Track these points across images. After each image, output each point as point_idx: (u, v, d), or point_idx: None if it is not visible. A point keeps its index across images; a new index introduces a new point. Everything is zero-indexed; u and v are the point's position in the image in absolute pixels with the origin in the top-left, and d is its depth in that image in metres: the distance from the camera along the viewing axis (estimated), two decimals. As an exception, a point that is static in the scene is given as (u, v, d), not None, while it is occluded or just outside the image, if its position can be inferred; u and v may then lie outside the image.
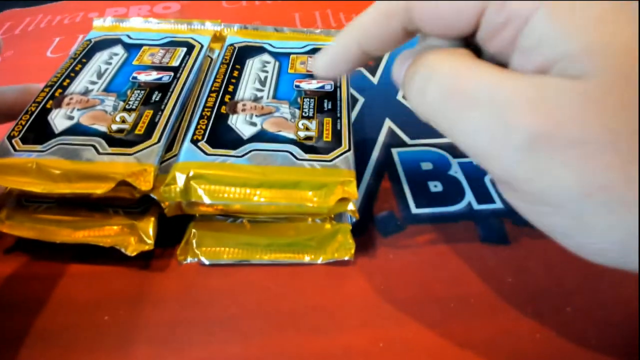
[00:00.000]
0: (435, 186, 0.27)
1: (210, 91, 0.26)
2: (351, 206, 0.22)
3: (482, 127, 0.14)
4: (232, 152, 0.22)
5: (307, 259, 0.23)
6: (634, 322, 0.20)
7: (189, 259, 0.23)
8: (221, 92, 0.26)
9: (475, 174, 0.28)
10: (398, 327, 0.20)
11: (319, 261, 0.23)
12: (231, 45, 0.30)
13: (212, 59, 0.31)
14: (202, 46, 0.30)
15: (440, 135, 0.30)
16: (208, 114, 0.24)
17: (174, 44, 0.30)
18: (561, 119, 0.13)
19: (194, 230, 0.23)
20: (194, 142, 0.23)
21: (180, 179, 0.21)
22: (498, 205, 0.26)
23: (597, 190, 0.13)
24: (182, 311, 0.21)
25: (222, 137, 0.23)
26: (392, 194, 0.27)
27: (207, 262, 0.23)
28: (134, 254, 0.22)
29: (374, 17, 0.17)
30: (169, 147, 0.24)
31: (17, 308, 0.21)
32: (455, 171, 0.28)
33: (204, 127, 0.24)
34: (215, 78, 0.27)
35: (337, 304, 0.21)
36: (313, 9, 0.47)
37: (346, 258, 0.22)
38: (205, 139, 0.23)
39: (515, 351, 0.20)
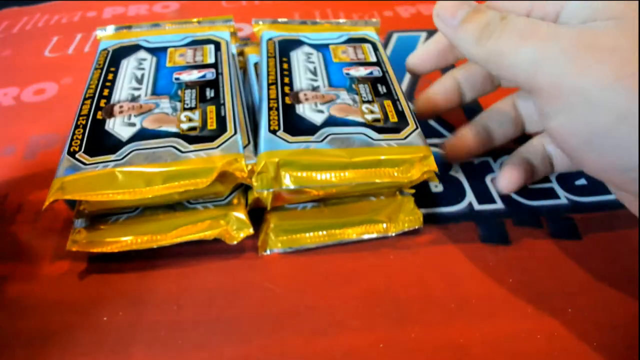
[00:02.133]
0: (436, 186, 0.27)
1: (269, 84, 0.27)
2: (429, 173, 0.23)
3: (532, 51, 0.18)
4: (312, 138, 0.23)
5: (380, 233, 0.24)
6: (634, 323, 0.20)
7: (269, 250, 0.23)
8: (280, 84, 0.27)
9: (476, 174, 0.28)
10: (398, 327, 0.20)
11: (393, 233, 0.24)
12: (270, 39, 0.31)
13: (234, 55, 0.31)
14: (227, 42, 0.30)
15: (441, 136, 0.31)
16: (275, 105, 0.25)
17: (198, 42, 0.30)
18: (598, 37, 0.18)
19: (271, 221, 0.24)
20: (273, 132, 0.23)
21: (271, 167, 0.22)
22: (499, 205, 0.26)
23: (627, 77, 0.16)
24: (181, 312, 0.21)
25: (296, 125, 0.24)
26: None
27: (289, 251, 0.23)
28: (236, 242, 0.23)
29: None
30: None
31: (16, 308, 0.21)
32: (456, 171, 0.28)
33: (276, 118, 0.24)
34: (269, 71, 0.28)
35: (337, 304, 0.21)
36: (313, 8, 0.46)
37: (417, 227, 0.24)
38: (282, 129, 0.24)
39: (516, 352, 0.19)
